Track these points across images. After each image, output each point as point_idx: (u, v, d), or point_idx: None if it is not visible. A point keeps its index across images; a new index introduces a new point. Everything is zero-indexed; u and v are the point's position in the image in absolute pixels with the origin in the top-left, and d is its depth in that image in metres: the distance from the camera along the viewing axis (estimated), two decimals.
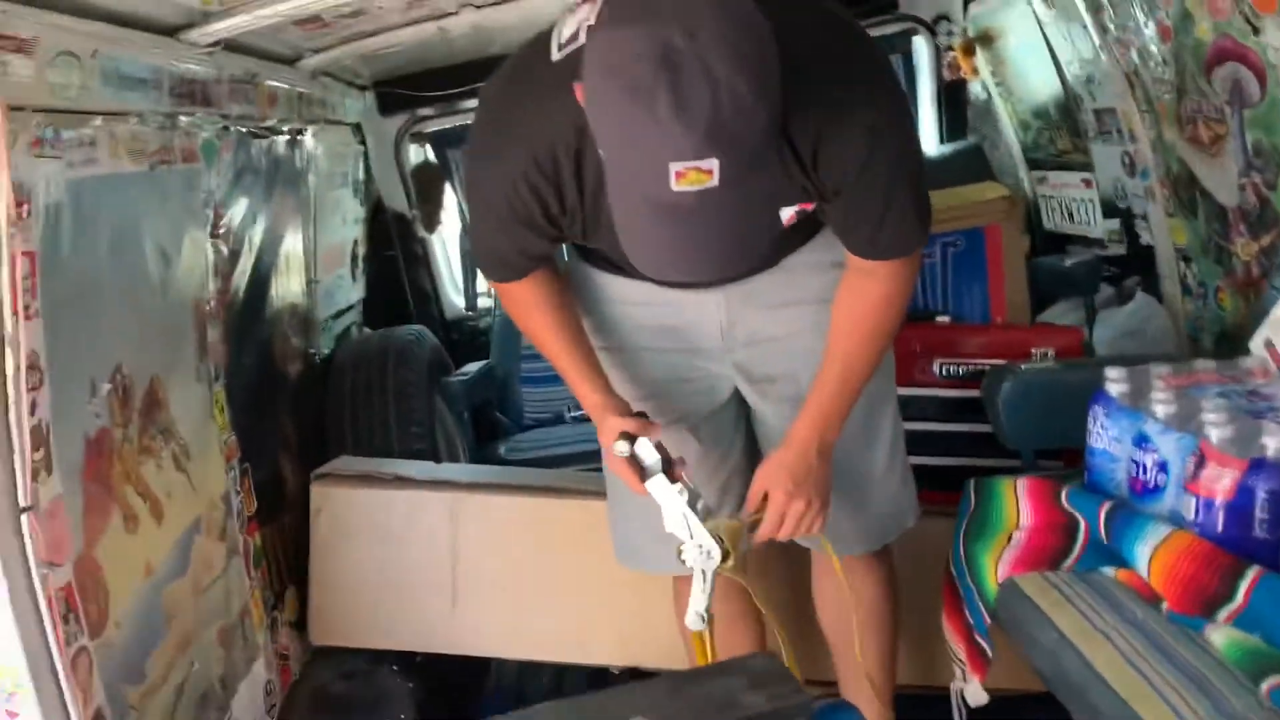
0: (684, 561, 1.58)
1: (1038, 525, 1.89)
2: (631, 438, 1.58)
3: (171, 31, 1.92)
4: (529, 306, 1.71)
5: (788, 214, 1.53)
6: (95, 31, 1.66)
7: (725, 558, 1.58)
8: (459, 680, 2.53)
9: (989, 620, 1.89)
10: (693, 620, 1.59)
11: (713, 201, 1.16)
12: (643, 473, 1.59)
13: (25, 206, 1.51)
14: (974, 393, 2.37)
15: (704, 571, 1.58)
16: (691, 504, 1.58)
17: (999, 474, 2.11)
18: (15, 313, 1.47)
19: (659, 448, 1.59)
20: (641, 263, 1.30)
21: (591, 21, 1.43)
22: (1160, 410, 1.75)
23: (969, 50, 3.43)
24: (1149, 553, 1.62)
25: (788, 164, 1.39)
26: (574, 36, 1.43)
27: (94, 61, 1.67)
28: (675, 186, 1.14)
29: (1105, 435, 1.86)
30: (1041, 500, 1.91)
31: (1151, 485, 1.73)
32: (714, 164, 1.12)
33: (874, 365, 1.68)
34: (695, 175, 1.13)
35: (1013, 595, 1.79)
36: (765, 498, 1.67)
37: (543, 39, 1.48)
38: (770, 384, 1.79)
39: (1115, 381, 1.88)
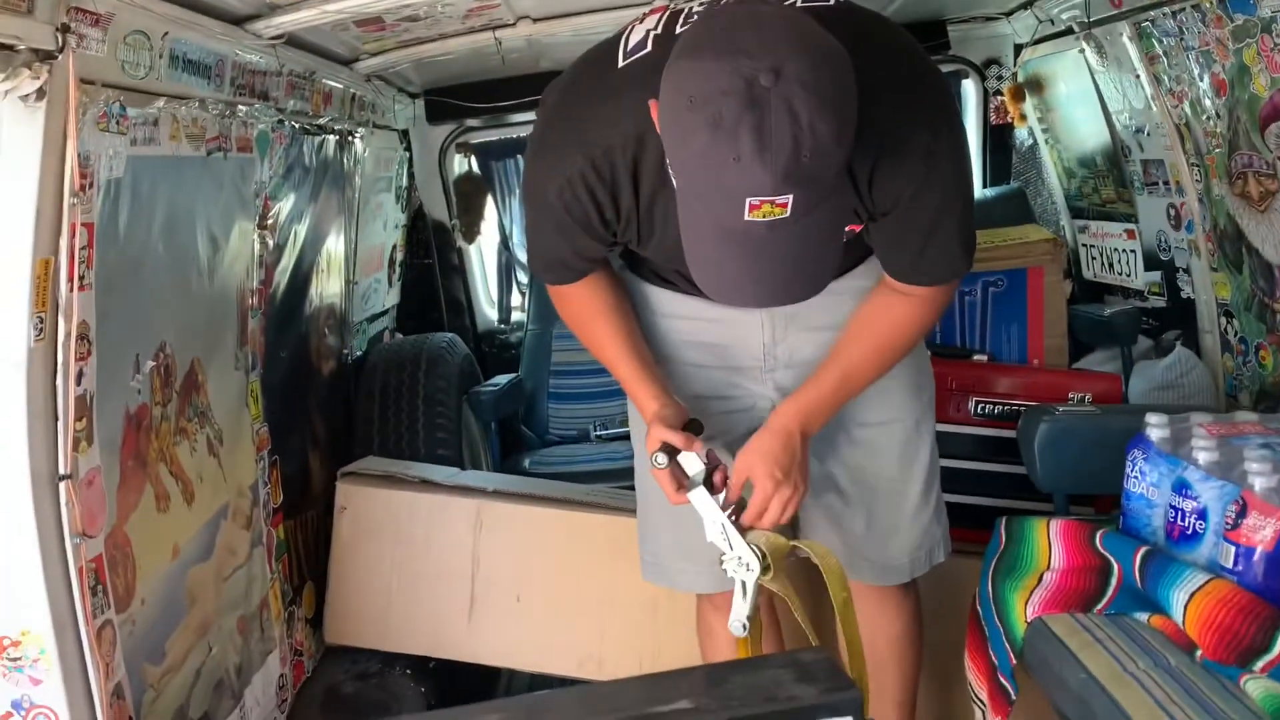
0: (725, 572, 1.56)
1: (1070, 567, 1.87)
2: (673, 450, 1.58)
3: (239, 21, 1.95)
4: (587, 310, 1.70)
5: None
6: (168, 13, 1.69)
7: (766, 570, 1.56)
8: (471, 687, 2.51)
9: (1014, 660, 1.86)
10: (735, 627, 1.56)
11: (783, 231, 1.19)
12: (684, 483, 1.58)
13: (88, 178, 1.53)
14: (1008, 433, 2.36)
15: (744, 583, 1.56)
16: (733, 516, 1.56)
17: (1030, 515, 2.09)
18: (70, 281, 1.48)
19: (709, 455, 1.59)
20: (708, 286, 1.33)
21: (658, 32, 1.44)
22: (1202, 457, 1.74)
23: (1018, 95, 3.43)
24: (1185, 599, 1.60)
25: (844, 185, 1.40)
26: (641, 44, 1.45)
27: (164, 43, 1.70)
28: (748, 216, 1.17)
29: (1143, 480, 1.84)
30: (1075, 542, 1.89)
31: (1190, 532, 1.71)
32: (789, 199, 1.16)
33: (876, 377, 1.67)
34: (769, 208, 1.16)
35: (1041, 635, 1.77)
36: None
37: (610, 45, 1.49)
38: None
39: (1156, 427, 1.87)
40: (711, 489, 1.57)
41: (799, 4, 1.42)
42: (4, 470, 1.47)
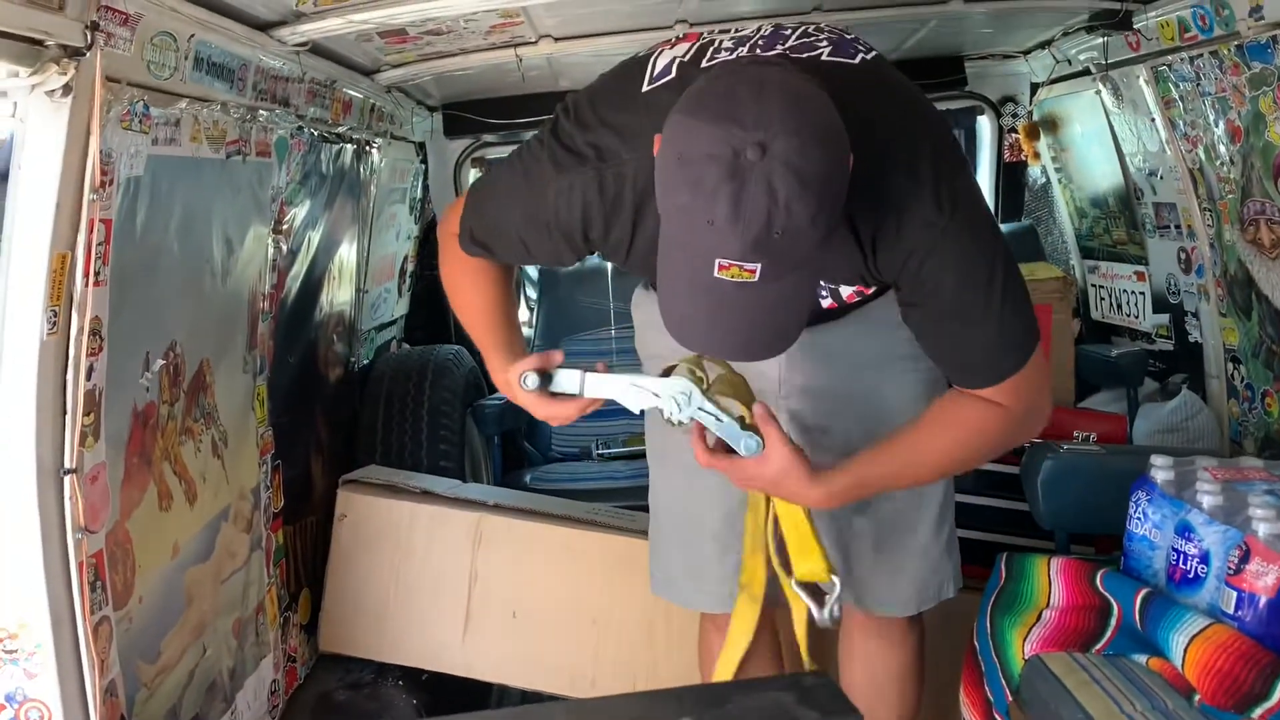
0: (676, 423, 1.45)
1: (1070, 605, 1.86)
2: (544, 375, 1.48)
3: (264, 27, 1.97)
4: (473, 273, 1.64)
5: (847, 292, 1.54)
6: (196, 16, 1.71)
7: (703, 386, 1.46)
8: (463, 700, 2.50)
9: (1010, 697, 1.85)
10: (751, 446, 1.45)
11: (750, 293, 1.21)
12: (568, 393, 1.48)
13: (109, 175, 1.54)
14: (1011, 468, 2.35)
15: (706, 412, 1.44)
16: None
17: (1031, 552, 2.08)
18: (86, 276, 1.49)
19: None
20: (672, 328, 1.33)
21: (685, 60, 1.44)
22: (1206, 501, 1.73)
23: (1032, 134, 3.46)
24: (1185, 643, 1.60)
25: (848, 246, 1.40)
26: (666, 70, 1.44)
27: (190, 45, 1.71)
28: (717, 274, 1.19)
29: (1146, 521, 1.84)
30: (1076, 581, 1.88)
31: (1191, 575, 1.70)
32: (757, 266, 1.18)
33: (938, 476, 1.61)
34: (737, 271, 1.18)
35: (1038, 673, 1.76)
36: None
37: (638, 65, 1.47)
38: (824, 434, 1.77)
39: (1161, 469, 1.87)
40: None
41: (824, 57, 1.40)
42: (9, 462, 1.48)
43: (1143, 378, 2.95)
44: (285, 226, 2.36)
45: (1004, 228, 3.67)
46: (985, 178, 3.78)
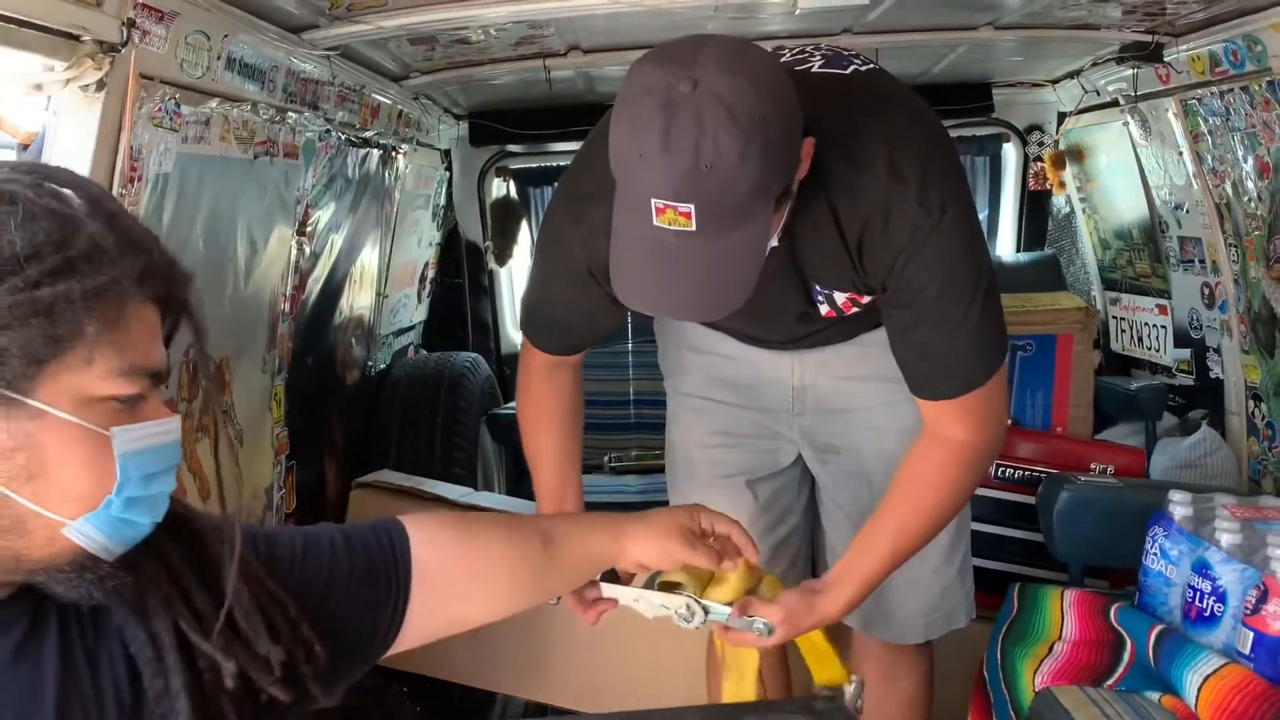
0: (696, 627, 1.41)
1: (1082, 639, 1.85)
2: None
3: (297, 29, 1.98)
4: (543, 408, 1.67)
5: (842, 299, 1.52)
6: (230, 16, 1.72)
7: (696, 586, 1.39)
8: (467, 709, 2.50)
9: None
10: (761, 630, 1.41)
11: (690, 246, 1.20)
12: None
13: (138, 171, 1.55)
14: (1027, 498, 2.34)
15: (714, 617, 1.39)
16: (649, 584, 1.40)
17: (1044, 583, 2.07)
18: None
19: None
20: (619, 288, 1.31)
21: None
22: (1224, 539, 1.72)
23: (1058, 163, 3.44)
24: (1199, 682, 1.58)
25: (835, 249, 1.41)
26: None
27: (223, 44, 1.72)
28: (656, 222, 1.19)
29: (1163, 557, 1.82)
30: (1089, 614, 1.87)
31: (1207, 614, 1.68)
32: (690, 208, 1.17)
33: (930, 537, 1.53)
34: (673, 215, 1.18)
35: (1048, 705, 1.74)
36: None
37: None
38: (834, 455, 1.78)
39: (1179, 505, 1.85)
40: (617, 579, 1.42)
41: (814, 69, 1.44)
42: None
43: (1162, 412, 2.92)
44: (309, 228, 2.37)
45: (1026, 256, 3.67)
46: (1009, 205, 3.77)
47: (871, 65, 1.49)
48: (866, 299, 1.51)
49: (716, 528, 1.35)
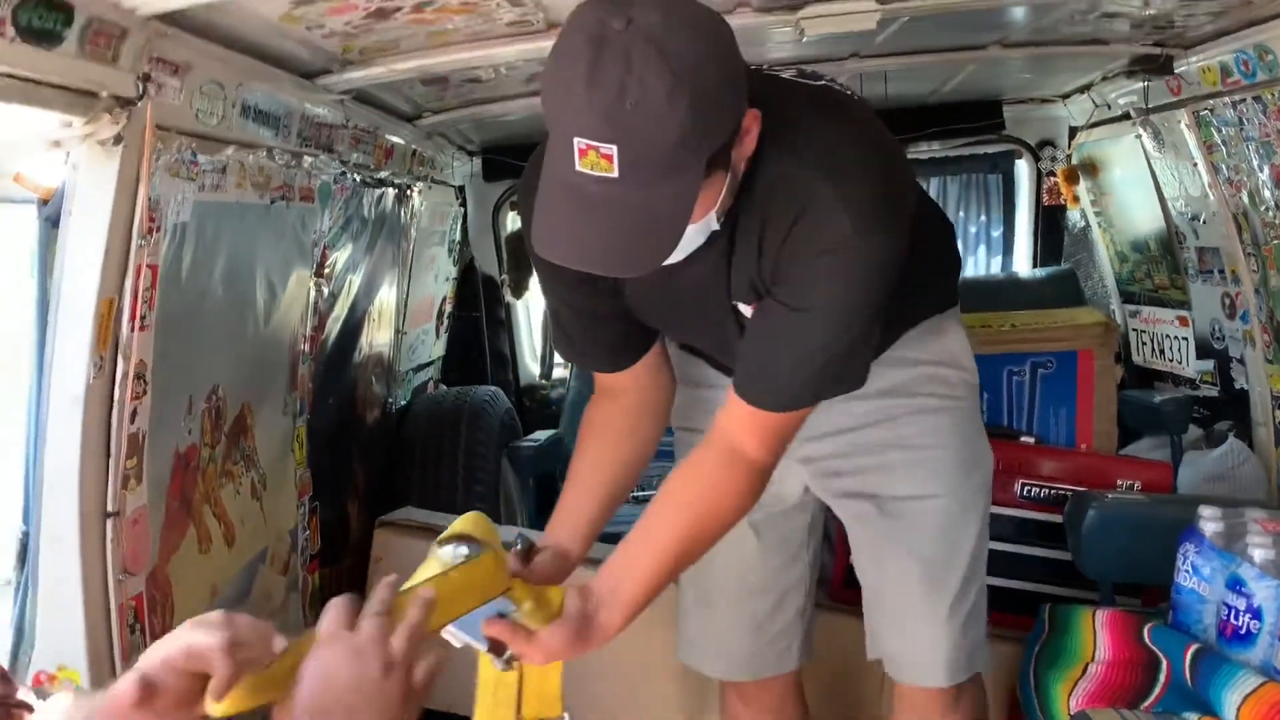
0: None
1: (1116, 660, 1.82)
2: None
3: (311, 75, 2.00)
4: (586, 420, 1.58)
5: (747, 313, 1.45)
6: (244, 65, 1.74)
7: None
8: None
9: None
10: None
11: (611, 195, 1.14)
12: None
13: (156, 222, 1.57)
14: (1054, 517, 2.32)
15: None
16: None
17: (1074, 603, 2.04)
18: (133, 321, 1.51)
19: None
20: (536, 237, 1.23)
21: None
22: (1258, 555, 1.69)
23: (1072, 178, 3.44)
24: (1238, 702, 1.55)
25: (748, 252, 1.34)
26: None
27: (237, 93, 1.74)
28: (578, 166, 1.13)
29: (1195, 575, 1.80)
30: (1122, 635, 1.84)
31: (1243, 631, 1.66)
32: (612, 150, 1.11)
33: (703, 554, 1.44)
34: (595, 158, 1.12)
35: None
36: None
37: None
38: (836, 478, 1.71)
39: (1209, 520, 1.83)
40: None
41: (785, 75, 1.42)
42: (54, 504, 1.49)
43: (1187, 424, 2.89)
44: (327, 270, 2.38)
45: (1043, 272, 3.65)
46: (1024, 221, 3.76)
47: (849, 90, 1.45)
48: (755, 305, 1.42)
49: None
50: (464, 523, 1.31)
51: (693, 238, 1.26)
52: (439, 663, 1.03)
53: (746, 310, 1.43)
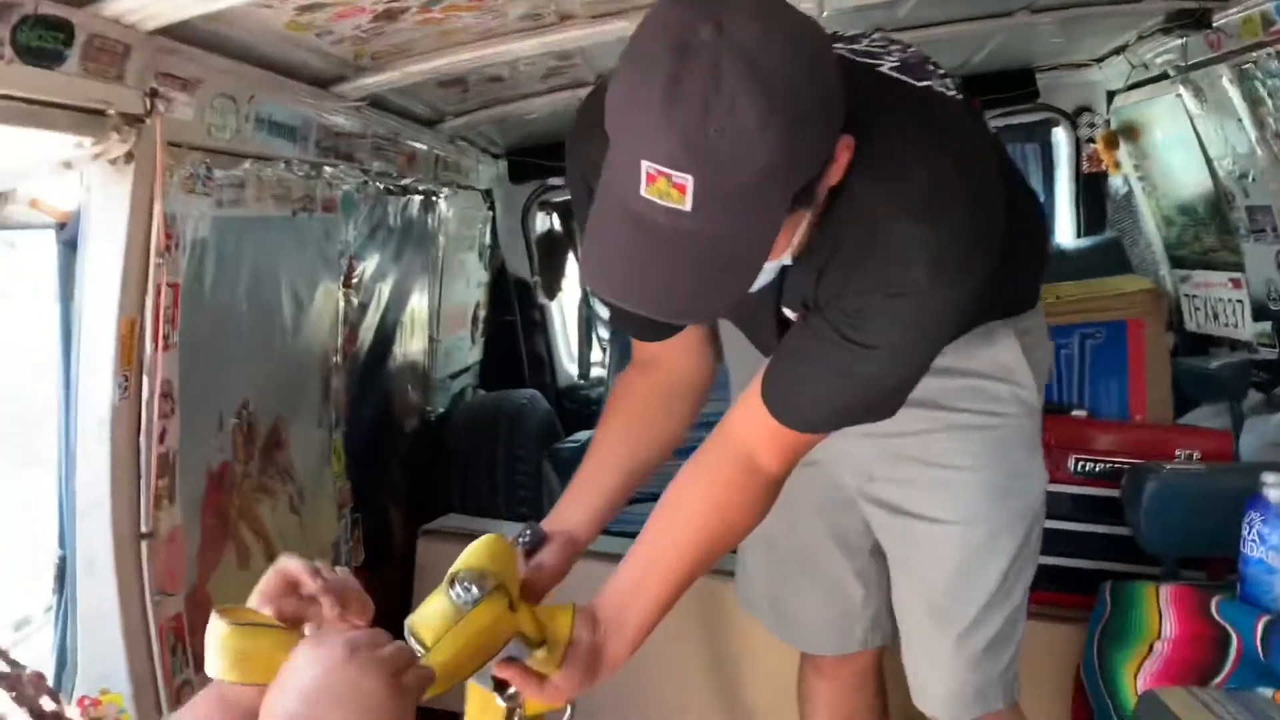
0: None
1: (1183, 636, 1.75)
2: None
3: (325, 84, 1.99)
4: (613, 396, 1.49)
5: (792, 315, 1.33)
6: (255, 77, 1.72)
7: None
8: None
9: None
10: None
11: (679, 230, 1.00)
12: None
13: (174, 239, 1.55)
14: (1110, 492, 2.24)
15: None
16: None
17: (1136, 579, 1.97)
18: (155, 340, 1.50)
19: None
20: (586, 267, 1.10)
21: None
22: None
23: (1111, 143, 3.34)
24: None
25: (806, 274, 1.22)
26: None
27: (250, 106, 1.73)
28: (644, 192, 0.98)
29: (1262, 544, 1.73)
30: (1188, 609, 1.77)
31: None
32: (687, 181, 0.96)
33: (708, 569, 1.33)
34: (665, 186, 0.98)
35: (1154, 709, 1.65)
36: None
37: None
38: (868, 482, 1.59)
39: (1274, 487, 1.75)
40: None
41: (883, 69, 1.23)
42: (88, 527, 1.48)
43: (1246, 389, 2.79)
44: (355, 280, 2.37)
45: (1087, 242, 3.56)
46: (1064, 191, 3.66)
47: (955, 92, 1.25)
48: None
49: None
50: (476, 552, 1.24)
51: (760, 277, 1.12)
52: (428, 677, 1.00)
53: (792, 315, 1.31)
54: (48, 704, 1.13)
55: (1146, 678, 1.72)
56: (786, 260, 1.16)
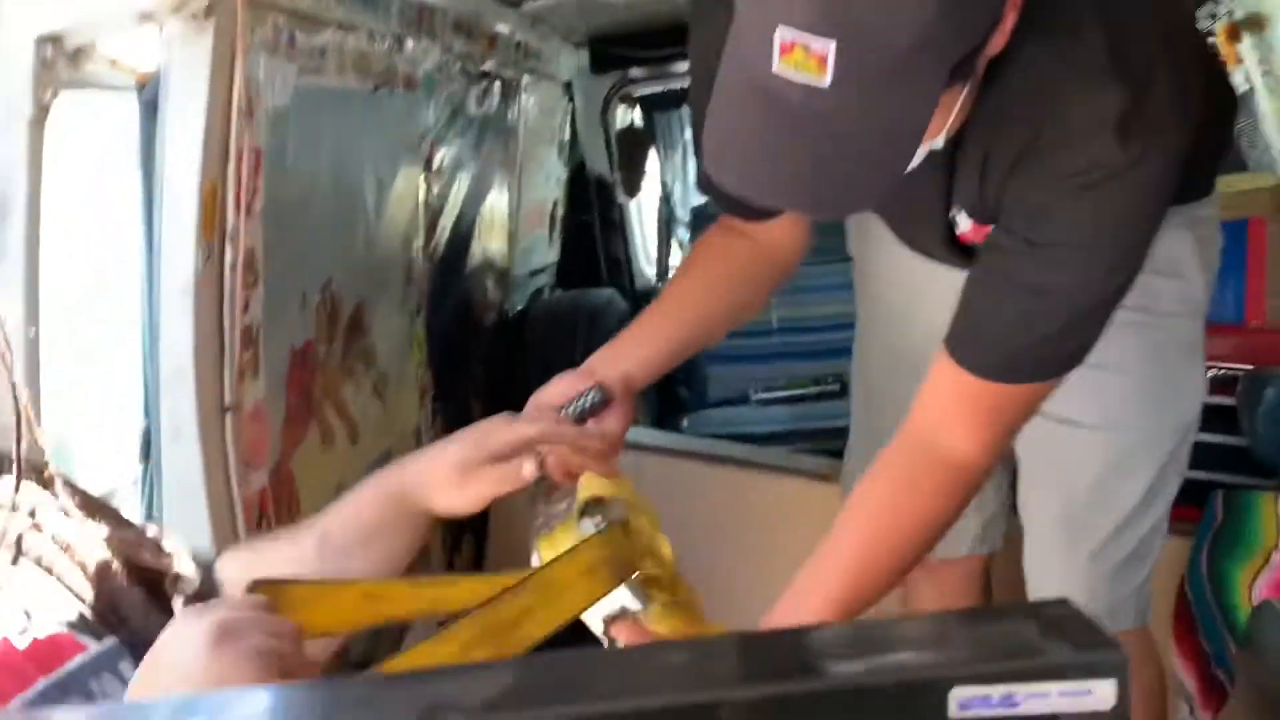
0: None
1: None
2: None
3: None
4: (691, 266, 1.41)
5: (966, 225, 1.21)
6: None
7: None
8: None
9: (1234, 647, 1.66)
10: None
11: (818, 110, 0.88)
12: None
13: (255, 103, 1.50)
14: (1225, 400, 2.12)
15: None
16: None
17: (1252, 489, 1.87)
18: (238, 207, 1.46)
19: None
20: (711, 154, 0.98)
21: None
22: None
23: (1233, 35, 3.12)
24: None
25: (968, 175, 1.13)
26: None
27: None
28: (777, 66, 0.87)
29: None
30: None
31: None
32: (828, 48, 0.84)
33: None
34: (801, 56, 0.85)
35: (1273, 620, 1.56)
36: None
37: None
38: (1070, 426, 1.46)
39: None
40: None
41: None
42: (172, 398, 1.46)
43: None
44: (436, 166, 2.31)
45: None
46: None
47: None
48: (985, 231, 1.17)
49: (521, 435, 1.10)
50: (600, 482, 1.15)
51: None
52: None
53: (965, 224, 1.18)
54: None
55: (1263, 588, 1.64)
56: (939, 144, 1.03)
